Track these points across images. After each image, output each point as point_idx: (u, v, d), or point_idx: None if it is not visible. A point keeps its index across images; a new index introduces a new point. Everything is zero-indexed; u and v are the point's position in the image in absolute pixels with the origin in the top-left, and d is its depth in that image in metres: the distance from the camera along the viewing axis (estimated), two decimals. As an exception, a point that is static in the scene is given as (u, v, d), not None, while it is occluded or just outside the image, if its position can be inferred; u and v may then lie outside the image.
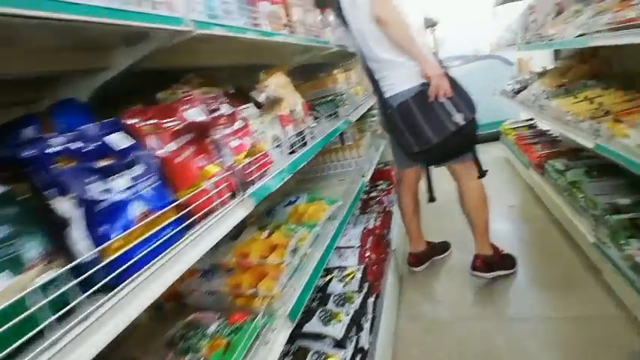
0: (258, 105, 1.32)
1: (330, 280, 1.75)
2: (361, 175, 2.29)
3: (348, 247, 2.00)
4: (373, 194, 2.87)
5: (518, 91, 3.24)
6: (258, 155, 0.96)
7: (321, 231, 1.33)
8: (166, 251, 0.64)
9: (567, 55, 3.11)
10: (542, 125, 3.44)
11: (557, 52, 3.54)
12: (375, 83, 1.97)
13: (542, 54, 3.75)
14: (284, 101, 1.24)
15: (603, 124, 1.58)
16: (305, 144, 1.35)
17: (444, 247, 2.44)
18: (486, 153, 4.13)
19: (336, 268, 1.83)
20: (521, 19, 3.17)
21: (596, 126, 1.64)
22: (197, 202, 0.72)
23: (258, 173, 0.93)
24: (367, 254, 1.95)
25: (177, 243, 0.66)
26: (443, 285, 2.16)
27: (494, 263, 2.06)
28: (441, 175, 2.17)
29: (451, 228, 2.46)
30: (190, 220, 0.70)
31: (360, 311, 1.57)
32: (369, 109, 2.95)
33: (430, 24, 4.83)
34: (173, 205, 0.67)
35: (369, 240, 2.05)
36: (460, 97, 1.76)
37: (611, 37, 1.45)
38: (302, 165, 1.25)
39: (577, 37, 1.86)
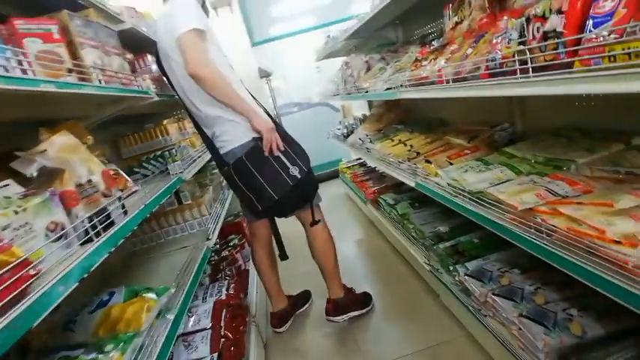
0: (28, 180, 0.92)
1: (175, 386, 1.36)
2: (206, 237, 1.99)
3: (197, 332, 1.63)
4: (225, 253, 2.57)
5: (347, 135, 3.59)
6: (6, 269, 0.60)
7: (147, 339, 0.98)
8: None
9: (378, 104, 3.66)
10: (370, 163, 3.90)
11: (370, 101, 4.16)
12: (206, 139, 1.78)
13: (360, 102, 4.36)
14: (67, 172, 0.89)
15: (419, 165, 1.80)
16: (112, 224, 1.01)
17: (305, 297, 2.33)
18: (328, 191, 4.40)
19: (183, 366, 1.45)
20: (340, 73, 3.58)
21: (413, 167, 1.86)
22: None
23: (4, 301, 0.57)
24: (222, 334, 1.63)
25: None
26: (309, 341, 2.02)
27: (346, 304, 2.05)
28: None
29: (308, 272, 2.40)
30: None
31: (218, 419, 1.24)
32: (210, 160, 2.69)
33: (264, 74, 5.03)
34: None
35: (223, 315, 1.74)
36: (293, 149, 1.73)
37: (413, 91, 1.69)
38: (106, 255, 0.91)
39: (386, 90, 2.14)
